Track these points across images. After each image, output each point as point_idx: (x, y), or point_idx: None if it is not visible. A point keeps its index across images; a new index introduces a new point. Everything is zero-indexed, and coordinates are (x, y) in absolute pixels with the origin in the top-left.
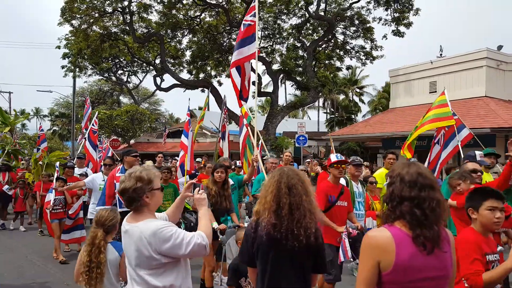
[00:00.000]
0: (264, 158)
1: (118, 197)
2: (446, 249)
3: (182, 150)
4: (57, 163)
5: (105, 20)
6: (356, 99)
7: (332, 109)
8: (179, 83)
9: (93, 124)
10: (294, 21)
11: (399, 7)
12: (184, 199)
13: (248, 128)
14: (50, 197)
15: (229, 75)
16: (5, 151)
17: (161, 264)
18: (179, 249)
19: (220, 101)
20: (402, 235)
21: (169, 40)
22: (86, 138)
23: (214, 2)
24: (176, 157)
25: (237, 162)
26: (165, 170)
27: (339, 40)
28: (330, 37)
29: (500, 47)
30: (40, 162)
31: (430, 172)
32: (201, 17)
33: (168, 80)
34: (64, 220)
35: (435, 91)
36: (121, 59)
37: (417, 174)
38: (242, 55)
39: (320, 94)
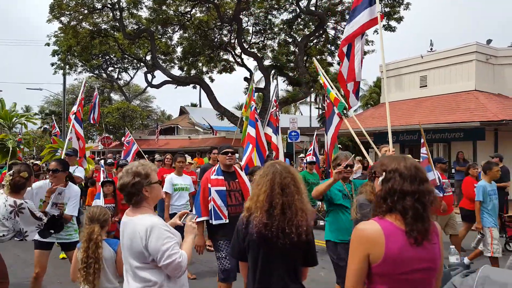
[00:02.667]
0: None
1: (214, 206)
2: (435, 241)
3: (250, 144)
4: (101, 162)
5: (95, 17)
6: None
7: (324, 105)
8: (170, 79)
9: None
10: (285, 16)
11: (389, 2)
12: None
13: (343, 117)
14: (98, 203)
15: (221, 71)
16: (10, 150)
17: (150, 260)
18: (159, 254)
19: (212, 97)
20: (392, 228)
21: (160, 36)
22: (73, 119)
23: None
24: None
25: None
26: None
27: (330, 35)
28: (321, 32)
29: (489, 41)
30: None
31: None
32: (191, 13)
33: (159, 76)
34: (113, 233)
35: (426, 86)
36: (112, 56)
37: (415, 168)
38: (354, 27)
39: (312, 89)
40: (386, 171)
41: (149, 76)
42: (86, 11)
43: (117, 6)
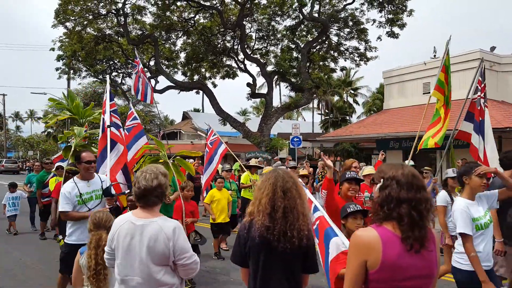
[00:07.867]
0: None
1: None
2: (432, 248)
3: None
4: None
5: (99, 22)
6: (351, 100)
7: (326, 110)
8: (173, 85)
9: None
10: (288, 22)
11: (392, 9)
12: None
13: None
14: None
15: (224, 77)
16: (72, 149)
17: (171, 261)
18: (186, 253)
19: (215, 103)
20: (389, 235)
21: (163, 42)
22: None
23: (208, 3)
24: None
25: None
26: None
27: (333, 42)
28: (324, 38)
29: (493, 48)
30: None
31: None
32: (195, 19)
33: (163, 82)
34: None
35: (429, 92)
36: (116, 61)
37: (412, 176)
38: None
39: (315, 95)
40: (384, 178)
41: (153, 81)
42: (91, 17)
43: (121, 12)
